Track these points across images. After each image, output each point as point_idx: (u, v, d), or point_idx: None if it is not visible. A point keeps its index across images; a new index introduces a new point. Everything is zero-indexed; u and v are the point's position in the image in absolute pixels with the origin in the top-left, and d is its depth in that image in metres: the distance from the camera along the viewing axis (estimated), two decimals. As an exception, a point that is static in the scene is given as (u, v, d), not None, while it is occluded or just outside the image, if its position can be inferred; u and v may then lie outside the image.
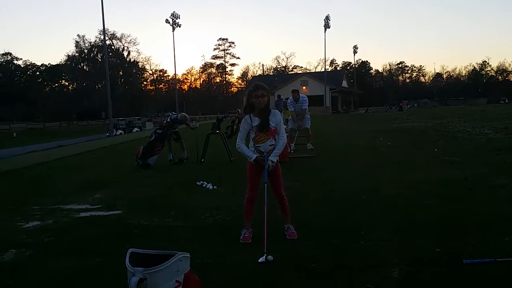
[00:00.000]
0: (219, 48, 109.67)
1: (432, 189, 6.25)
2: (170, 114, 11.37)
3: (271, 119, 4.18)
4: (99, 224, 5.21)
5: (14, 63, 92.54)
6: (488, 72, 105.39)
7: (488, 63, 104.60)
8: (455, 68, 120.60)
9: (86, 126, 61.26)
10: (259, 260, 3.63)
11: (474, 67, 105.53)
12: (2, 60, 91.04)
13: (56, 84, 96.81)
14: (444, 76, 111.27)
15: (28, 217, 5.64)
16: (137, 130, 40.60)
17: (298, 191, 6.31)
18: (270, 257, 3.64)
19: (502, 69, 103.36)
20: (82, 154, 15.58)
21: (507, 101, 72.07)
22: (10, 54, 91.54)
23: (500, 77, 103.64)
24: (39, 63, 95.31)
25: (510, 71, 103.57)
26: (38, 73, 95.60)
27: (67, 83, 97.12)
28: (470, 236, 4.06)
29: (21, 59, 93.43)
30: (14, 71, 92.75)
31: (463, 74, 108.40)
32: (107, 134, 34.44)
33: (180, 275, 2.18)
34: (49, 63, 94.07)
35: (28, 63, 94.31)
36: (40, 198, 6.93)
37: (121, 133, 36.89)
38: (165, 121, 10.85)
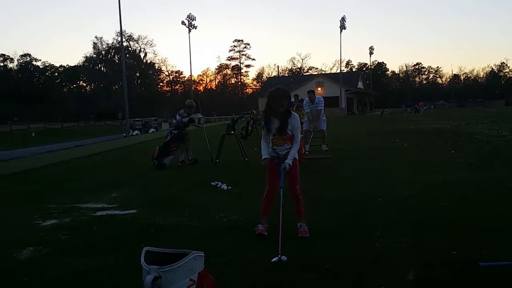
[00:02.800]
0: (234, 49, 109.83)
1: (448, 191, 6.18)
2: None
3: (290, 123, 4.23)
4: (115, 223, 5.27)
5: (33, 64, 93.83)
6: (506, 73, 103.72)
7: (506, 65, 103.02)
8: (473, 70, 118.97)
9: (103, 126, 61.90)
10: (273, 260, 3.64)
11: (492, 68, 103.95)
12: (22, 61, 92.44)
13: (74, 85, 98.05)
14: (462, 77, 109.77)
15: (45, 215, 5.73)
16: (153, 131, 40.91)
17: (313, 192, 6.29)
18: (284, 258, 3.65)
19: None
20: (99, 154, 15.75)
21: (526, 103, 70.91)
22: (29, 55, 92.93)
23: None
24: (57, 65, 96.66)
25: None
26: (56, 74, 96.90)
27: (85, 84, 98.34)
28: (486, 238, 4.01)
29: (40, 60, 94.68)
30: (33, 72, 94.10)
31: (481, 76, 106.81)
32: (124, 134, 34.77)
33: (194, 273, 2.20)
34: (67, 64, 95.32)
35: (47, 64, 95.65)
36: (58, 197, 7.03)
37: (137, 133, 37.21)
38: (181, 122, 10.78)
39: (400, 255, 3.72)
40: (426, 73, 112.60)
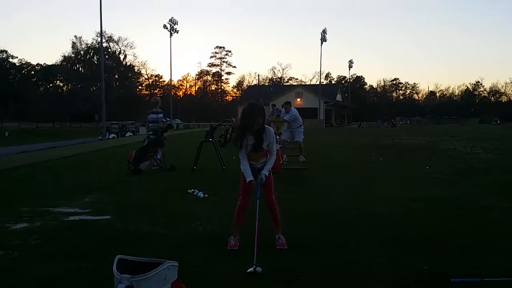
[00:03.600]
0: (215, 56, 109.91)
1: (423, 207, 6.28)
2: (164, 120, 11.27)
3: (265, 139, 4.19)
4: (88, 228, 5.17)
5: (9, 61, 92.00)
6: (481, 92, 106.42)
7: (481, 84, 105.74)
8: (449, 87, 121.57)
9: (79, 128, 60.89)
10: (248, 271, 3.62)
11: (467, 87, 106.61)
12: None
13: (51, 85, 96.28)
14: (438, 94, 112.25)
15: (16, 219, 5.58)
16: (130, 135, 40.43)
17: (288, 204, 6.29)
18: (259, 269, 3.63)
19: (495, 90, 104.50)
20: (74, 156, 15.49)
21: (498, 122, 72.70)
22: (6, 51, 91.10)
23: (492, 98, 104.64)
24: (34, 63, 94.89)
25: (502, 93, 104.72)
26: (33, 72, 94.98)
27: (61, 84, 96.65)
28: (459, 255, 4.08)
29: (16, 57, 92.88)
30: (9, 69, 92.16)
31: (456, 93, 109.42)
32: (100, 137, 34.27)
33: (167, 283, 2.17)
34: (44, 63, 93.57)
35: (24, 62, 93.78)
36: (30, 200, 6.86)
37: (114, 137, 36.72)
38: (162, 119, 10.86)
39: (374, 269, 3.75)
40: (403, 88, 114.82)
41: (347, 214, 5.81)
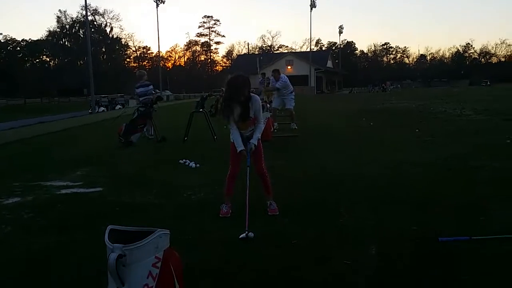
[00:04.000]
0: (204, 25, 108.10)
1: (413, 169, 6.34)
2: (153, 92, 11.21)
3: (251, 108, 4.20)
4: (80, 201, 5.19)
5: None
6: (471, 54, 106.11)
7: (471, 46, 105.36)
8: (439, 50, 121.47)
9: (68, 103, 60.28)
10: (240, 237, 3.67)
11: (458, 49, 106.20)
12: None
13: (37, 60, 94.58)
14: (428, 57, 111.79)
15: (8, 193, 5.59)
16: (119, 108, 40.10)
17: (280, 170, 6.34)
18: (251, 234, 3.68)
19: (485, 51, 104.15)
20: (64, 130, 15.39)
21: (488, 83, 72.77)
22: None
23: (483, 59, 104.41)
24: (19, 39, 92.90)
25: (492, 54, 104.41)
26: (18, 48, 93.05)
27: (48, 59, 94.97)
28: (447, 215, 4.15)
29: (1, 34, 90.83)
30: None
31: (447, 56, 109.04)
32: (89, 111, 33.97)
33: (159, 251, 2.19)
34: (30, 39, 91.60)
35: (8, 38, 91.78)
36: (21, 175, 6.85)
37: (103, 110, 36.41)
38: (151, 92, 10.87)
39: (364, 231, 3.81)
40: (393, 53, 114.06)
41: (337, 178, 5.87)
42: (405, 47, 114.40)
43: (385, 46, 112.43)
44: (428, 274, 2.95)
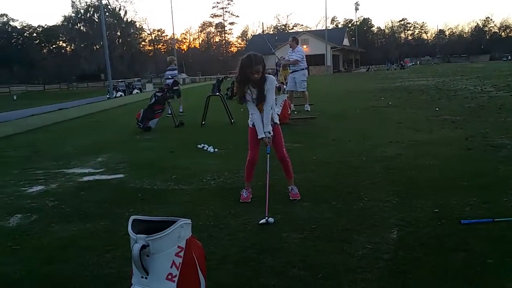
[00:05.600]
0: (217, 6, 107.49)
1: (432, 149, 6.27)
2: (169, 77, 11.36)
3: (266, 89, 4.10)
4: (103, 188, 5.28)
5: (10, 24, 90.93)
6: (491, 28, 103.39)
7: (491, 19, 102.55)
8: (458, 25, 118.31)
9: (86, 88, 60.89)
10: (260, 222, 3.70)
11: (477, 23, 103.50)
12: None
13: (54, 46, 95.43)
14: (447, 33, 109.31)
15: (32, 182, 5.71)
16: (137, 92, 40.36)
17: (298, 153, 6.34)
18: (271, 219, 3.71)
19: (505, 25, 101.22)
20: (83, 117, 15.59)
21: (510, 58, 71.01)
22: (6, 15, 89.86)
23: (503, 33, 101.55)
24: (35, 25, 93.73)
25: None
26: (35, 34, 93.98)
27: (64, 45, 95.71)
28: (469, 196, 4.10)
29: (17, 20, 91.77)
30: (11, 32, 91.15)
31: (466, 31, 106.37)
32: (107, 96, 34.26)
33: (181, 241, 2.22)
34: (46, 24, 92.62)
35: (25, 25, 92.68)
36: (44, 162, 6.99)
37: (121, 95, 36.67)
38: (165, 84, 11.06)
39: (385, 214, 3.80)
40: (411, 28, 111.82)
41: (357, 160, 5.84)
42: (423, 22, 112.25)
43: (402, 22, 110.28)
44: (451, 257, 2.94)
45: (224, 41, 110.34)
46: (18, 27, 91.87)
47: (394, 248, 3.13)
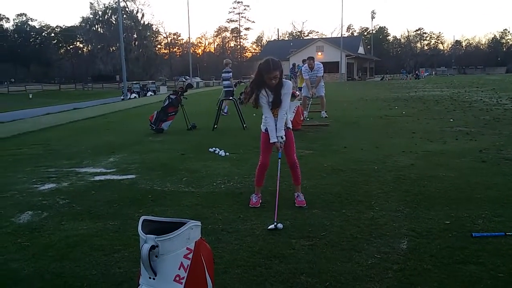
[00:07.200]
0: (234, 11, 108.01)
1: (446, 160, 6.21)
2: (184, 79, 11.43)
3: (282, 93, 4.10)
4: (114, 188, 5.31)
5: (29, 24, 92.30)
6: (508, 40, 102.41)
7: (509, 31, 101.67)
8: (475, 36, 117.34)
9: (101, 89, 61.43)
10: (269, 227, 3.69)
11: (494, 35, 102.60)
12: (18, 20, 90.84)
13: (71, 46, 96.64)
14: (463, 44, 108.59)
15: (44, 180, 5.77)
16: (151, 94, 40.63)
17: (310, 160, 6.32)
18: (280, 225, 3.70)
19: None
20: (97, 117, 15.73)
21: (527, 71, 70.27)
22: (25, 14, 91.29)
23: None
24: (53, 25, 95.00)
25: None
26: (53, 34, 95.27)
27: (81, 45, 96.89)
28: (481, 209, 4.05)
29: (36, 20, 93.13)
30: (29, 32, 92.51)
31: (483, 43, 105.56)
32: (122, 97, 34.55)
33: (191, 243, 2.22)
34: (64, 25, 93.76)
35: (43, 25, 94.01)
36: (56, 161, 7.06)
37: (135, 97, 36.95)
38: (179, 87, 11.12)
39: (395, 224, 3.76)
40: (428, 38, 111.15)
41: (368, 169, 5.80)
42: (440, 32, 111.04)
43: (418, 32, 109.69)
44: (461, 270, 2.90)
45: (239, 46, 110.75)
46: (37, 27, 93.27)
47: (403, 259, 3.10)
